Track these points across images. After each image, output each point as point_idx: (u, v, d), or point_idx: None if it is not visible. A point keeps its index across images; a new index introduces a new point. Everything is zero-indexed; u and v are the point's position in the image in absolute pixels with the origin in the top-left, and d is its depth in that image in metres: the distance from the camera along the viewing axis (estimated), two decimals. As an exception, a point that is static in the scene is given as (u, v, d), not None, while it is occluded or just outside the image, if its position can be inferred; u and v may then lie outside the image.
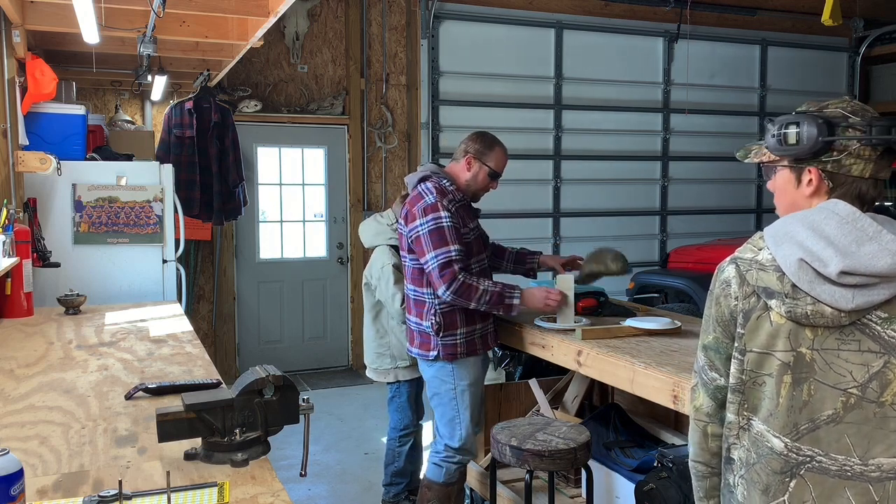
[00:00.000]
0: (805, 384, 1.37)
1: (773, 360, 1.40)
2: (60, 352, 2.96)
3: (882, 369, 1.34)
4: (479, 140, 3.31)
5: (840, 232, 1.34)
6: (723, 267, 1.49)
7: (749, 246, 1.47)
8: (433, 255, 3.04)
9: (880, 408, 1.34)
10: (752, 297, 1.42)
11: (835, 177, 1.43)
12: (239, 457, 1.69)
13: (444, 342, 3.15)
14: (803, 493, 1.38)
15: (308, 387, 6.32)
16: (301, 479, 4.22)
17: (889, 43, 8.30)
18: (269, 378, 1.74)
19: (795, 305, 1.36)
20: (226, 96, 6.33)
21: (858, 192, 1.42)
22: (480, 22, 6.92)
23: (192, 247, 6.35)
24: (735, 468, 1.48)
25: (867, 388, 1.34)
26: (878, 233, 1.34)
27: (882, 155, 1.40)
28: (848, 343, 1.35)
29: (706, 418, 1.53)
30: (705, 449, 1.54)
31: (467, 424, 3.24)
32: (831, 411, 1.36)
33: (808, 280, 1.34)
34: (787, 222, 1.42)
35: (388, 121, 6.92)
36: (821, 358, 1.36)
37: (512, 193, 7.03)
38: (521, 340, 3.37)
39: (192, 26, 4.29)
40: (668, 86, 7.66)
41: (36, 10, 4.05)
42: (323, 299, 6.91)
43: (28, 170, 4.03)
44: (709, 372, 1.52)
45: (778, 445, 1.39)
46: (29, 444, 1.88)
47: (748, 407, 1.44)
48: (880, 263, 1.30)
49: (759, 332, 1.41)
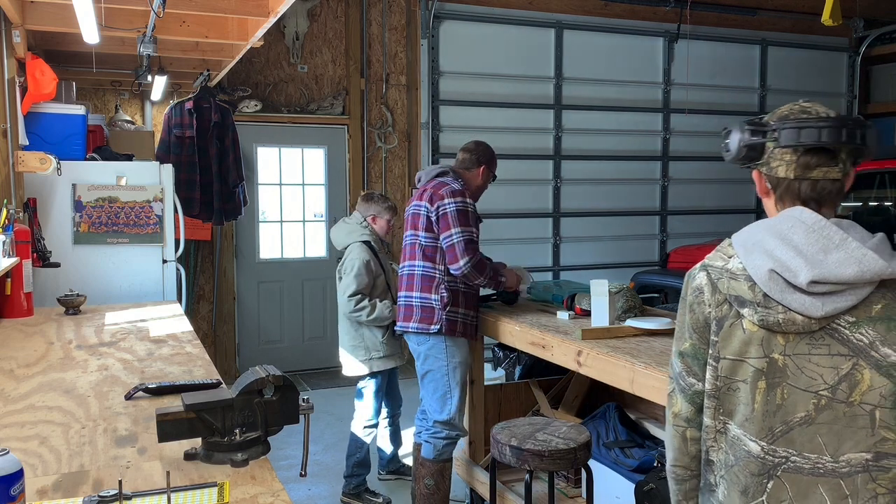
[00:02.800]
0: (778, 388, 1.42)
1: (746, 366, 1.44)
2: (60, 352, 2.96)
3: (851, 371, 1.39)
4: (487, 150, 3.68)
5: (807, 241, 1.39)
6: (693, 274, 1.54)
7: (719, 254, 1.51)
8: (459, 231, 3.36)
9: (849, 407, 1.39)
10: (725, 304, 1.47)
11: (770, 178, 1.50)
12: (239, 457, 1.69)
13: (448, 317, 3.43)
14: (780, 493, 1.43)
15: (308, 387, 6.31)
16: (301, 479, 4.22)
17: (889, 43, 8.30)
18: (269, 378, 1.74)
19: (768, 314, 1.40)
20: (226, 96, 6.33)
21: (798, 193, 1.46)
22: (480, 22, 6.92)
23: (192, 247, 6.35)
24: (715, 469, 1.52)
25: (837, 390, 1.39)
26: (844, 241, 1.38)
27: (805, 155, 1.44)
28: (818, 348, 1.40)
29: (685, 423, 1.56)
30: (685, 453, 1.58)
31: (457, 399, 3.48)
32: (804, 413, 1.41)
33: (778, 290, 1.39)
34: (754, 231, 1.47)
35: (388, 121, 6.92)
36: (793, 363, 1.41)
37: (512, 193, 7.04)
38: (521, 340, 3.37)
39: (192, 26, 4.29)
40: (668, 86, 7.66)
41: (36, 10, 4.05)
42: (323, 299, 6.91)
43: (28, 170, 4.03)
44: (687, 378, 1.55)
45: (755, 449, 1.44)
46: (29, 444, 1.88)
47: (723, 412, 1.49)
48: (847, 272, 1.35)
49: (732, 339, 1.45)
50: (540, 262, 7.27)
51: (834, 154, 1.44)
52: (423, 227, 3.46)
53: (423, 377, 3.54)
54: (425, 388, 3.54)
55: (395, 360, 4.02)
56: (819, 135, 1.42)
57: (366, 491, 4.05)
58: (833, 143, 1.42)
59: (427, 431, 3.53)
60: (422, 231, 3.47)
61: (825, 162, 1.44)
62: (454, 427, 3.50)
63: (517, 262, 7.00)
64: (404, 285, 3.55)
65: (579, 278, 5.20)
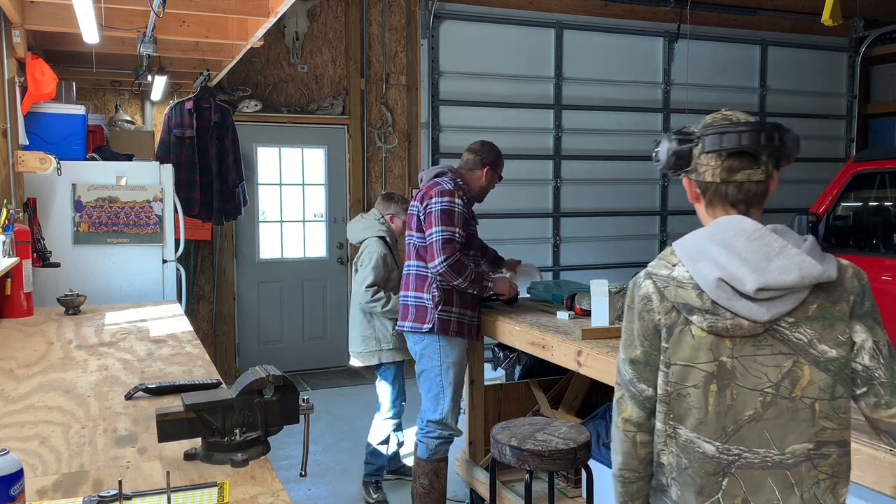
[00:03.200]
0: (728, 390, 1.50)
1: (697, 371, 1.51)
2: (60, 352, 2.96)
3: (792, 368, 1.48)
4: (492, 151, 3.66)
5: (749, 248, 1.46)
6: (639, 283, 1.60)
7: (662, 262, 1.58)
8: (439, 230, 3.34)
9: (792, 402, 1.48)
10: (673, 312, 1.53)
11: (699, 184, 1.58)
12: (239, 457, 1.69)
13: (441, 316, 3.43)
14: (735, 489, 1.50)
15: (308, 387, 6.31)
16: (301, 479, 4.22)
17: (889, 43, 8.30)
18: (269, 378, 1.74)
19: (716, 321, 1.48)
20: (226, 96, 6.33)
21: (726, 196, 1.55)
22: (480, 22, 6.91)
23: (192, 247, 6.34)
24: (666, 471, 1.57)
25: (780, 387, 1.48)
26: (784, 248, 1.46)
27: (728, 159, 1.52)
28: (762, 348, 1.48)
29: (635, 428, 1.61)
30: (634, 457, 1.62)
31: (450, 400, 3.50)
32: (752, 411, 1.49)
33: (726, 297, 1.46)
34: (696, 239, 1.53)
35: (388, 121, 6.92)
36: (740, 364, 1.49)
37: (512, 193, 7.03)
38: (521, 340, 3.37)
39: (192, 26, 4.29)
40: (668, 86, 7.66)
41: (36, 10, 4.05)
42: (323, 299, 6.91)
43: (28, 170, 4.03)
44: (637, 384, 1.60)
45: (710, 450, 1.51)
46: (29, 444, 1.88)
47: (674, 416, 1.55)
48: (789, 278, 1.43)
49: (682, 345, 1.52)
50: (540, 262, 7.26)
51: (755, 157, 1.53)
52: (416, 227, 3.50)
53: (418, 376, 3.59)
54: (421, 388, 3.59)
55: (403, 354, 4.07)
56: (739, 139, 1.51)
57: (374, 483, 4.10)
58: (752, 147, 1.51)
59: (421, 431, 3.58)
60: (415, 231, 3.51)
61: (748, 165, 1.52)
62: (446, 427, 3.53)
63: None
64: (403, 285, 3.62)
65: (579, 278, 5.20)
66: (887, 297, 4.55)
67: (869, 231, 5.13)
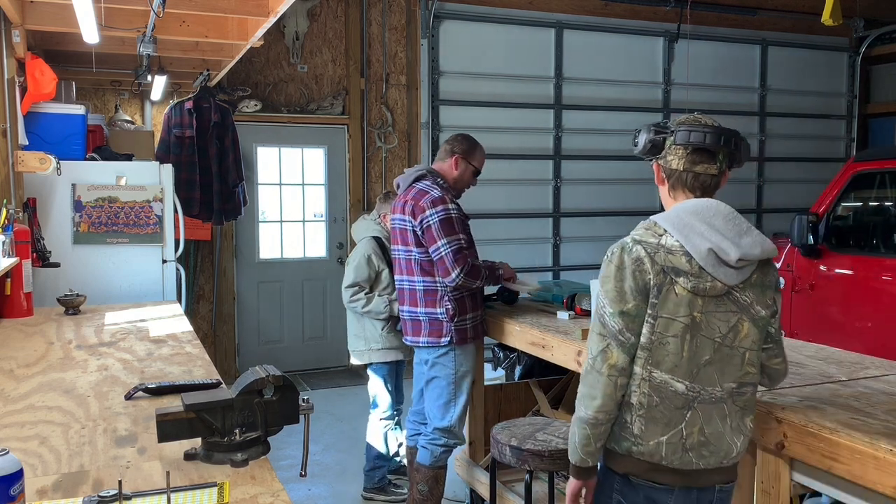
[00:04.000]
0: (695, 339, 1.84)
1: (677, 323, 1.83)
2: (60, 352, 2.95)
3: (736, 323, 1.86)
4: (465, 141, 3.57)
5: (726, 227, 1.84)
6: (629, 247, 1.87)
7: (649, 232, 1.88)
8: (445, 242, 3.27)
9: (731, 350, 1.86)
10: (661, 273, 1.83)
11: (666, 170, 1.95)
12: (239, 457, 1.69)
13: (458, 327, 3.37)
14: (695, 420, 1.85)
15: (308, 387, 6.31)
16: (301, 479, 4.22)
17: (889, 43, 8.30)
18: (269, 378, 1.73)
19: (699, 282, 1.82)
20: (226, 96, 6.33)
21: (685, 183, 1.92)
22: (480, 22, 6.92)
23: (192, 247, 6.34)
24: (634, 409, 1.86)
25: (726, 337, 1.85)
26: (749, 228, 1.87)
27: (692, 153, 1.90)
28: (721, 306, 1.85)
29: (618, 372, 1.86)
30: (613, 399, 1.86)
31: (460, 409, 3.44)
32: (708, 356, 1.85)
33: (712, 264, 1.81)
34: (682, 216, 1.86)
35: (388, 121, 6.92)
36: (704, 318, 1.84)
37: (512, 193, 7.04)
38: (521, 340, 3.37)
39: (192, 26, 4.29)
40: (668, 86, 7.66)
41: (36, 10, 4.05)
42: (323, 299, 6.91)
43: (28, 170, 4.03)
44: (626, 333, 1.85)
45: (681, 388, 1.84)
46: (29, 444, 1.88)
47: (652, 362, 1.84)
48: (756, 251, 1.83)
49: (667, 301, 1.83)
50: (540, 262, 7.27)
51: (713, 155, 1.90)
52: (414, 242, 3.38)
53: (427, 383, 3.48)
54: (429, 394, 3.48)
55: (395, 354, 4.05)
56: (704, 137, 1.88)
57: (390, 484, 4.09)
58: (713, 146, 1.88)
59: (426, 437, 3.49)
60: (413, 246, 3.38)
61: (706, 160, 1.90)
62: (453, 435, 3.46)
63: (517, 262, 7.02)
64: (407, 300, 3.48)
65: (579, 278, 5.20)
66: (887, 297, 4.55)
67: (869, 231, 5.13)
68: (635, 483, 1.88)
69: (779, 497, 2.09)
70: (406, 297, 3.48)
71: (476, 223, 3.87)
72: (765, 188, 8.24)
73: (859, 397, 2.20)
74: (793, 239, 4.97)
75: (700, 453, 1.85)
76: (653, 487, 1.86)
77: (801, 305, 5.11)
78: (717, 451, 1.86)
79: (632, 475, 1.88)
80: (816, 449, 1.94)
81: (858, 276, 4.76)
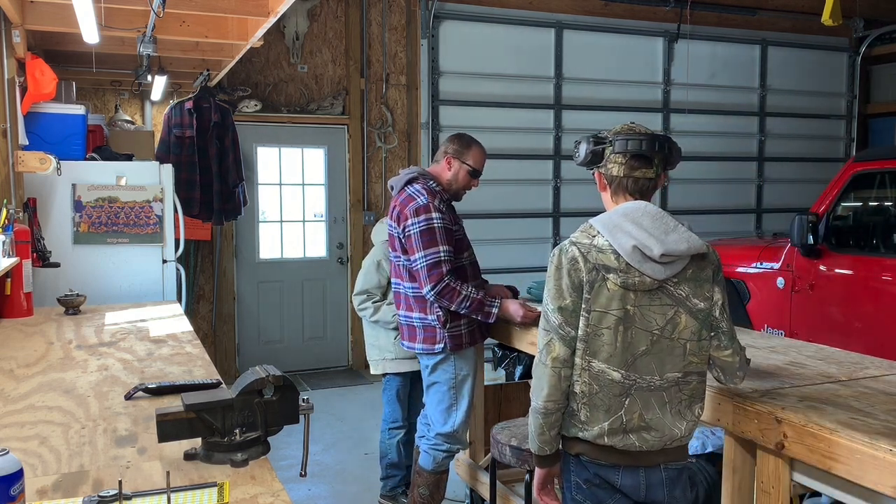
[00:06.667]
0: (629, 331, 1.95)
1: (610, 316, 1.95)
2: (60, 352, 2.95)
3: (673, 316, 1.97)
4: (457, 140, 3.44)
5: (653, 225, 1.96)
6: (566, 249, 2.01)
7: (584, 234, 2.03)
8: (422, 255, 3.13)
9: (671, 341, 1.97)
10: (594, 271, 1.97)
11: (607, 177, 2.09)
12: (239, 457, 1.69)
13: (451, 333, 3.23)
14: (633, 406, 1.97)
15: (308, 387, 6.31)
16: (301, 479, 4.21)
17: (889, 43, 8.30)
18: (269, 378, 1.74)
19: (627, 278, 1.94)
20: (226, 96, 6.33)
21: (626, 187, 2.06)
22: (480, 22, 6.92)
23: (192, 247, 6.34)
24: (578, 398, 2.00)
25: (665, 329, 1.97)
26: (676, 226, 1.98)
27: (630, 159, 2.04)
28: (654, 300, 1.97)
29: (561, 365, 1.99)
30: (559, 389, 1.99)
31: (462, 413, 3.33)
32: (644, 347, 1.96)
33: (638, 260, 1.93)
34: (612, 217, 2.00)
35: (388, 121, 6.92)
36: (639, 312, 1.96)
37: (512, 193, 7.04)
38: (521, 340, 3.37)
39: (192, 26, 4.29)
40: (668, 86, 7.66)
41: (36, 10, 4.05)
42: (323, 299, 6.91)
43: (28, 170, 4.03)
44: (566, 327, 1.99)
45: (617, 377, 1.96)
46: (29, 444, 1.88)
47: (589, 352, 1.97)
48: (681, 247, 1.94)
49: (600, 296, 1.96)
50: (540, 262, 7.26)
51: (650, 160, 2.05)
52: (400, 248, 3.28)
53: (428, 388, 3.42)
54: (430, 399, 3.42)
55: (409, 364, 3.82)
56: (641, 145, 2.03)
57: (403, 493, 3.94)
58: (649, 152, 2.03)
59: (428, 442, 3.42)
60: (400, 253, 3.30)
61: (644, 165, 2.05)
62: (456, 440, 3.38)
63: (517, 262, 7.02)
64: (402, 304, 3.40)
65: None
66: (887, 297, 4.54)
67: (869, 231, 5.12)
68: (586, 463, 2.03)
69: (779, 497, 2.09)
70: (401, 301, 3.40)
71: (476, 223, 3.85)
72: (765, 188, 8.24)
73: (859, 397, 2.20)
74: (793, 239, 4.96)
75: (641, 436, 1.97)
76: (601, 466, 2.01)
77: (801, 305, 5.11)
78: (660, 435, 1.98)
79: (582, 455, 2.04)
80: (816, 449, 1.93)
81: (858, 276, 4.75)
